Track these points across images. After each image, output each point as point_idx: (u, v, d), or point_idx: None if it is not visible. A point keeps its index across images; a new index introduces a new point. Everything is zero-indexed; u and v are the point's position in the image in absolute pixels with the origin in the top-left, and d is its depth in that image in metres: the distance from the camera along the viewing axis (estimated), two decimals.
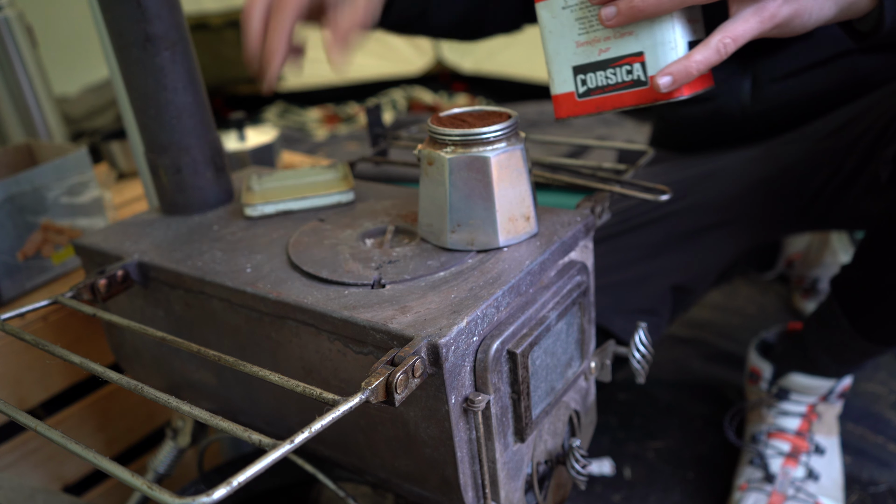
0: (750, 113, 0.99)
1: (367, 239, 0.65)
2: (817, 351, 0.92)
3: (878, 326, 0.83)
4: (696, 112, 1.03)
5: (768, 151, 0.96)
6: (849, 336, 0.86)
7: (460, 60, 2.91)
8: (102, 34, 0.79)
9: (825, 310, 0.90)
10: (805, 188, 0.92)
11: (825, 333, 0.91)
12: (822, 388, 0.95)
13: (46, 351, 0.51)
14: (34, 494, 0.76)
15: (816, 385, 0.94)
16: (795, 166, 0.92)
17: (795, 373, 0.95)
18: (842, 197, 0.91)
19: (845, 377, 0.95)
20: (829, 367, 0.92)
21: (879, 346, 0.84)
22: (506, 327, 0.53)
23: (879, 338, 0.83)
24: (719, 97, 0.99)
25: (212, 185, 0.75)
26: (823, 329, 0.91)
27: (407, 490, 0.61)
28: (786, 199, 0.94)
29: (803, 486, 0.90)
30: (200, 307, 0.63)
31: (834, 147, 0.89)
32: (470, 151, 0.57)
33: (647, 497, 0.98)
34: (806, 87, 0.95)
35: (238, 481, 0.35)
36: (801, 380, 0.95)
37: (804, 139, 0.93)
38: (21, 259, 0.85)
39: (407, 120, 2.46)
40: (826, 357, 0.92)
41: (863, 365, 0.91)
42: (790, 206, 0.94)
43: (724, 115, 1.00)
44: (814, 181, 0.91)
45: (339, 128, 2.68)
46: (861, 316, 0.84)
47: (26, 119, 1.09)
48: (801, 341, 0.96)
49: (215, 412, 0.43)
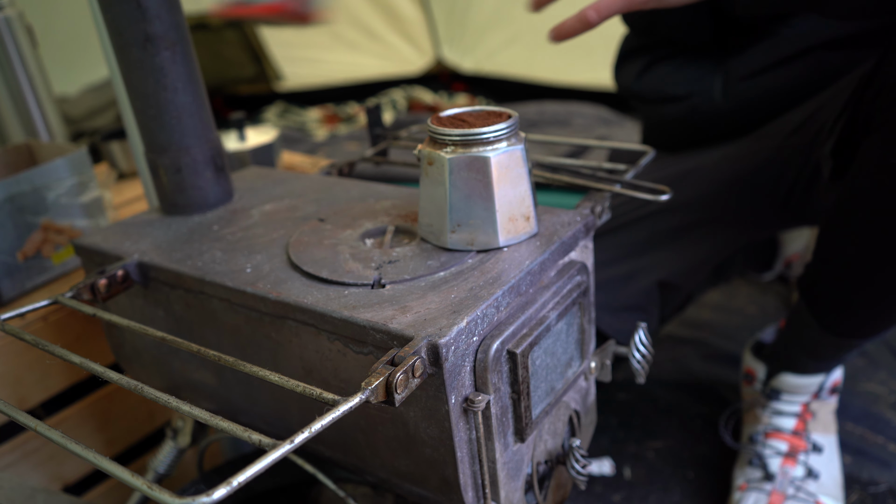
0: (723, 110, 1.01)
1: (367, 239, 0.65)
2: (795, 350, 0.93)
3: (841, 320, 0.83)
4: (673, 111, 1.05)
5: (742, 148, 0.97)
6: (817, 333, 0.86)
7: (460, 60, 2.91)
8: (102, 34, 0.79)
9: (797, 309, 0.91)
10: (779, 184, 0.93)
11: (797, 333, 0.92)
12: (810, 386, 0.95)
13: (46, 351, 0.51)
14: (34, 494, 0.76)
15: (805, 384, 0.95)
16: (768, 163, 0.93)
17: (785, 373, 0.95)
18: (812, 192, 0.92)
19: (833, 372, 0.95)
20: (808, 365, 0.93)
21: (847, 339, 0.85)
22: (506, 327, 0.53)
23: (844, 331, 0.84)
24: (693, 96, 1.01)
25: (212, 185, 0.75)
26: (796, 329, 0.92)
27: (407, 490, 0.61)
28: (764, 195, 0.95)
29: (803, 485, 0.90)
30: (200, 307, 0.63)
31: (800, 143, 0.91)
32: (470, 151, 0.57)
33: (647, 497, 0.98)
34: (775, 82, 0.97)
35: (238, 481, 0.35)
36: (790, 379, 0.95)
37: (773, 135, 0.95)
38: (21, 259, 0.85)
39: (407, 120, 2.46)
40: (803, 356, 0.92)
41: (842, 359, 0.91)
42: (769, 202, 0.95)
43: (699, 114, 1.02)
44: (786, 177, 0.93)
45: (339, 128, 2.68)
46: (825, 312, 0.84)
47: (26, 119, 1.09)
48: (783, 341, 0.96)
49: (215, 412, 0.43)
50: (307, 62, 2.88)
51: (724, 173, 0.97)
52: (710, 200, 0.97)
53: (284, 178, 0.83)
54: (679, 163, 1.02)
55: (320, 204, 0.74)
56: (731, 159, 0.97)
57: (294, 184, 0.80)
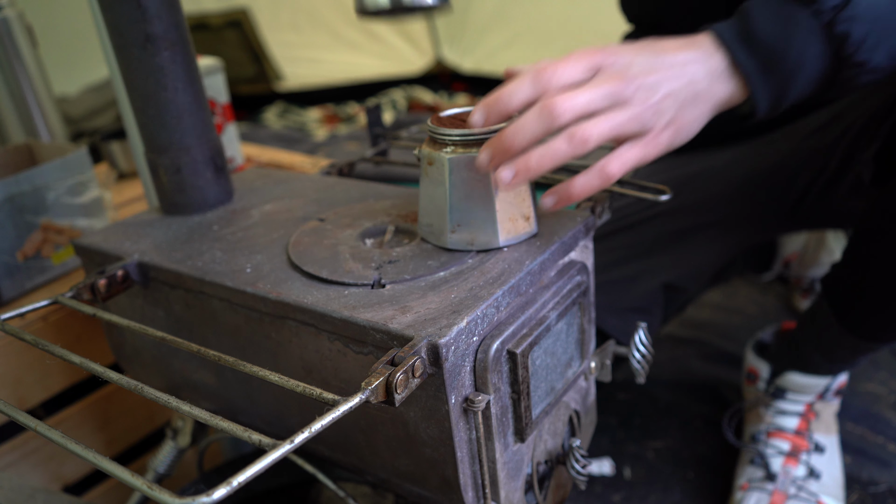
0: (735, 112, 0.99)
1: (367, 239, 0.65)
2: (809, 349, 0.92)
3: (865, 322, 0.83)
4: None
5: (754, 151, 0.96)
6: (837, 333, 0.86)
7: (460, 60, 2.91)
8: (102, 34, 0.79)
9: (816, 308, 0.91)
10: (791, 188, 0.92)
11: (815, 332, 0.91)
12: (817, 386, 0.95)
13: (46, 351, 0.51)
14: (34, 494, 0.76)
15: (812, 383, 0.95)
16: (781, 166, 0.92)
17: (791, 372, 0.95)
18: (828, 196, 0.91)
19: (840, 375, 0.95)
20: (821, 365, 0.92)
21: (868, 341, 0.84)
22: (506, 327, 0.53)
23: (867, 333, 0.83)
24: None
25: (212, 185, 0.75)
26: (814, 327, 0.91)
27: (407, 490, 0.61)
28: (773, 199, 0.94)
29: (805, 484, 0.90)
30: (200, 307, 0.63)
31: (817, 146, 0.90)
32: (470, 151, 0.57)
33: (647, 497, 0.98)
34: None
35: (238, 481, 0.35)
36: (797, 379, 0.95)
37: (788, 138, 0.94)
38: (21, 259, 0.85)
39: (407, 120, 2.46)
40: (818, 355, 0.92)
41: (855, 362, 0.91)
42: (778, 206, 0.95)
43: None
44: (799, 181, 0.92)
45: (339, 128, 2.68)
46: (848, 312, 0.84)
47: (26, 119, 1.09)
48: (794, 340, 0.96)
49: (215, 412, 0.43)
50: (307, 62, 2.88)
51: (734, 176, 0.95)
52: (718, 203, 0.96)
53: (284, 178, 0.83)
54: (687, 164, 1.00)
55: (320, 204, 0.74)
56: (742, 162, 0.96)
57: (294, 184, 0.80)
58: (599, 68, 0.54)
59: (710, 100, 0.56)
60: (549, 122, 0.52)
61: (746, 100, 0.58)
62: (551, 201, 0.57)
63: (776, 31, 0.55)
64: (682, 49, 0.55)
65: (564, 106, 0.51)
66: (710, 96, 0.56)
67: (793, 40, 0.54)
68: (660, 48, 0.55)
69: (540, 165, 0.53)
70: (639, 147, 0.55)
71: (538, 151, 0.53)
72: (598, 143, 0.53)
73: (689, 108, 0.55)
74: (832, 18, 0.53)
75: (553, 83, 0.53)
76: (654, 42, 0.56)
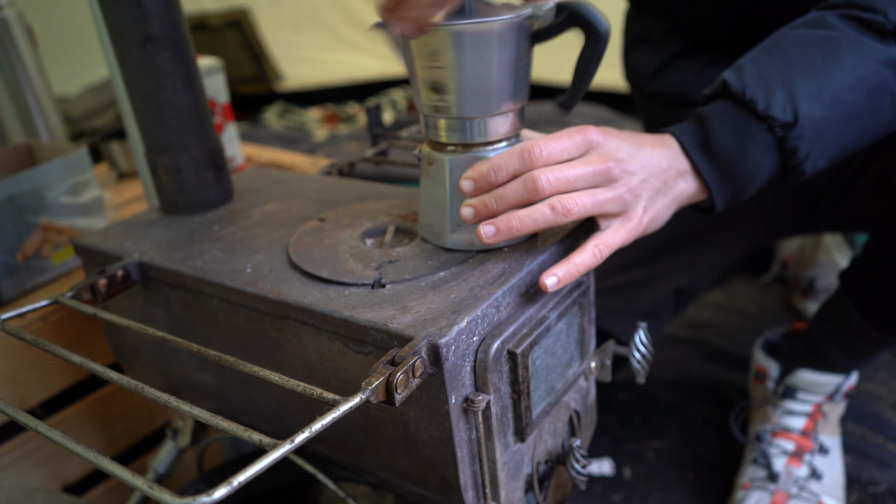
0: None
1: (367, 239, 0.65)
2: (828, 345, 0.92)
3: (892, 317, 0.83)
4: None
5: None
6: (860, 328, 0.86)
7: None
8: (102, 34, 0.79)
9: (834, 304, 0.90)
10: (807, 191, 0.92)
11: (835, 327, 0.90)
12: (829, 384, 0.95)
13: (46, 351, 0.51)
14: (34, 494, 0.76)
15: (825, 381, 0.94)
16: None
17: (804, 370, 0.95)
18: (843, 200, 0.91)
19: (851, 375, 0.95)
20: (839, 361, 0.92)
21: (891, 336, 0.84)
22: (506, 327, 0.53)
23: (890, 327, 0.83)
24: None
25: (212, 185, 0.75)
26: (834, 323, 0.91)
27: (407, 490, 0.61)
28: (788, 203, 0.94)
29: (806, 485, 0.90)
30: (200, 307, 0.63)
31: None
32: (470, 151, 0.57)
33: (647, 497, 0.98)
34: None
35: (238, 481, 0.35)
36: (810, 376, 0.94)
37: None
38: (21, 259, 0.85)
39: (407, 120, 2.46)
40: (836, 351, 0.91)
41: (873, 358, 0.91)
42: (792, 209, 0.94)
43: None
44: (816, 184, 0.91)
45: (339, 128, 2.68)
46: (873, 308, 0.84)
47: (26, 119, 1.09)
48: (809, 338, 0.95)
49: (215, 412, 0.43)
50: (307, 62, 2.88)
51: None
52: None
53: (284, 178, 0.83)
54: None
55: (320, 204, 0.74)
56: None
57: (294, 184, 0.80)
58: (591, 147, 0.57)
59: (677, 195, 0.61)
60: (532, 194, 0.55)
61: (704, 200, 0.64)
62: (553, 281, 0.55)
63: (732, 143, 0.60)
64: (656, 147, 0.60)
65: (549, 178, 0.55)
66: (677, 192, 0.61)
67: (749, 152, 0.61)
68: (639, 141, 0.60)
69: (521, 228, 0.55)
70: (623, 230, 0.58)
71: (521, 213, 0.55)
72: (580, 217, 0.56)
73: (660, 198, 0.60)
74: (783, 136, 0.60)
75: (542, 160, 0.56)
76: (634, 134, 0.60)
